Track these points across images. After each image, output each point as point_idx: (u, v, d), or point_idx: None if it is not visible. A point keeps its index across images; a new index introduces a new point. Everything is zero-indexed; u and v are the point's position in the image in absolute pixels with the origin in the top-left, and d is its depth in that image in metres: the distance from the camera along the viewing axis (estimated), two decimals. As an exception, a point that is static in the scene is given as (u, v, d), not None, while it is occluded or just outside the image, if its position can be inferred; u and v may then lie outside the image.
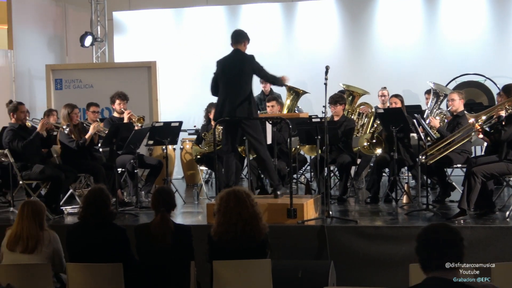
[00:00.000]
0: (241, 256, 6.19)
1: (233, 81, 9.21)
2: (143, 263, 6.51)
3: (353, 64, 14.90)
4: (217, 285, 6.21)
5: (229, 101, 9.16)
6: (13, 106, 10.24)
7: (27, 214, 6.55)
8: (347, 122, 10.74)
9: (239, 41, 9.43)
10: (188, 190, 12.81)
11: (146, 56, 15.16)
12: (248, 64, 9.23)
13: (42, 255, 6.54)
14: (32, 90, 15.70)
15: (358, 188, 11.69)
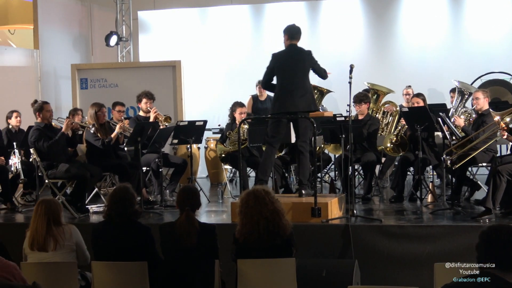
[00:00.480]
0: (267, 254, 6.20)
1: (294, 75, 9.23)
2: (168, 261, 6.53)
3: (377, 62, 14.86)
4: (241, 284, 6.22)
5: (291, 95, 9.17)
6: (39, 105, 10.30)
7: (41, 213, 6.59)
8: (372, 121, 10.70)
9: (295, 37, 9.45)
10: (213, 189, 12.83)
11: (171, 55, 15.19)
12: (308, 58, 9.32)
13: (66, 250, 6.59)
14: (57, 90, 15.79)
15: (382, 187, 11.67)
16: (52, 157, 10.03)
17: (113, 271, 6.35)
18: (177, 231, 6.44)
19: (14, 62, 15.09)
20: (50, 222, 6.56)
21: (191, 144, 10.97)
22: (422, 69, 14.44)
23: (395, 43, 15.03)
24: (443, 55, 14.59)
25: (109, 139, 10.37)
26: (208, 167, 13.71)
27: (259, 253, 6.23)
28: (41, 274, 6.25)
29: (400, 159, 10.46)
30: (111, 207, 6.62)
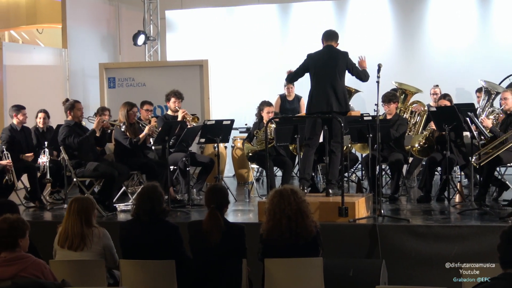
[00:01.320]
0: (291, 254, 6.21)
1: (329, 75, 9.27)
2: (196, 260, 6.55)
3: (405, 61, 14.79)
4: (268, 283, 6.23)
5: (325, 95, 9.21)
6: (70, 104, 10.40)
7: (73, 211, 6.62)
8: (400, 121, 10.66)
9: (332, 39, 9.50)
10: (239, 188, 12.85)
11: (198, 54, 15.21)
12: (344, 59, 9.33)
13: (92, 252, 6.59)
14: (85, 89, 15.88)
15: (410, 186, 11.62)
16: (81, 155, 10.10)
17: (141, 269, 6.38)
18: (203, 229, 6.46)
19: (43, 61, 15.18)
20: (82, 222, 6.58)
21: (218, 143, 11.00)
22: (450, 69, 14.35)
23: (423, 42, 14.95)
24: (471, 55, 14.50)
25: (137, 139, 10.43)
26: (235, 166, 13.72)
27: (284, 253, 6.24)
28: (70, 272, 6.29)
29: (427, 159, 10.40)
30: (139, 205, 6.65)
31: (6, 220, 5.47)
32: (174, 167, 11.14)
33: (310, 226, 6.30)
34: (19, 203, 10.70)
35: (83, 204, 6.66)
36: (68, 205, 6.75)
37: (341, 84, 9.34)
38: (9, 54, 14.35)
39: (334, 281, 6.59)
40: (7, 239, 5.38)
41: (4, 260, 5.34)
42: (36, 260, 5.44)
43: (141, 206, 6.61)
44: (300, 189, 6.59)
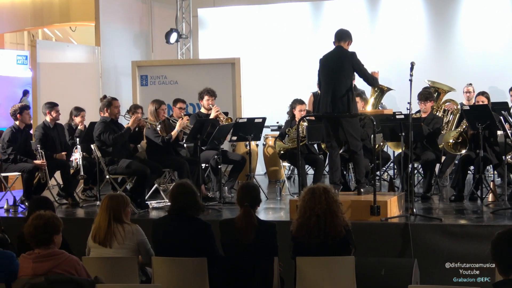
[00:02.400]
0: (320, 252, 6.20)
1: (333, 76, 9.19)
2: (228, 258, 6.56)
3: (438, 60, 14.70)
4: (300, 282, 6.23)
5: (328, 96, 9.15)
6: (107, 101, 10.47)
7: (105, 207, 6.65)
8: (436, 120, 10.60)
9: (342, 38, 9.37)
10: (271, 186, 12.86)
11: (230, 52, 15.23)
12: (348, 60, 9.20)
13: (126, 249, 6.62)
14: (118, 86, 15.96)
15: (442, 185, 11.55)
16: (114, 152, 10.16)
17: (173, 266, 6.39)
18: (236, 227, 6.46)
19: (76, 59, 15.29)
20: (111, 219, 6.62)
21: (250, 141, 11.00)
22: (483, 67, 14.24)
23: (456, 40, 14.85)
24: (505, 53, 14.38)
25: (169, 137, 10.47)
26: (267, 164, 13.72)
27: (314, 251, 6.23)
28: (102, 269, 6.32)
29: (460, 158, 10.33)
30: (175, 201, 6.66)
31: (41, 216, 5.52)
32: (205, 164, 11.18)
33: (340, 226, 6.27)
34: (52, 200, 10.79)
35: (113, 201, 6.69)
36: (101, 201, 6.80)
37: (346, 85, 9.16)
38: (43, 52, 14.47)
39: (366, 280, 6.57)
40: (42, 235, 5.43)
41: (38, 256, 5.38)
42: (69, 256, 5.48)
43: (177, 202, 6.62)
44: (332, 189, 6.55)
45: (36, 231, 5.43)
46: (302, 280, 6.22)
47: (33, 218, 5.53)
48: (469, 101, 12.31)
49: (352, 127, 9.17)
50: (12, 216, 9.93)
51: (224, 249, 6.62)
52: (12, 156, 10.51)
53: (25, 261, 5.43)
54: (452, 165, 11.82)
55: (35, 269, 5.34)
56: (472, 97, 12.31)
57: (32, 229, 5.45)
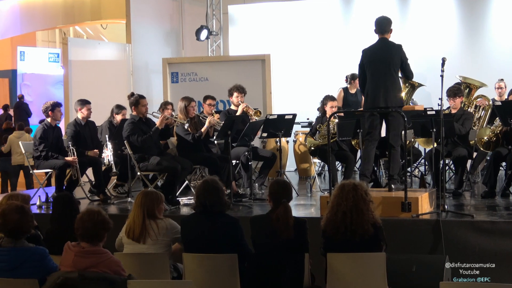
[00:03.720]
0: (349, 249, 6.19)
1: (384, 70, 9.14)
2: (259, 254, 6.56)
3: (469, 55, 14.58)
4: (331, 278, 6.23)
5: (380, 90, 9.10)
6: (135, 99, 10.47)
7: (140, 204, 6.71)
8: (466, 115, 10.53)
9: (385, 30, 9.33)
10: (301, 182, 12.86)
11: (260, 49, 15.25)
12: (397, 53, 9.19)
13: (159, 244, 6.67)
14: (149, 83, 16.04)
15: (474, 182, 11.48)
16: (145, 149, 10.20)
17: (204, 263, 6.42)
18: (274, 224, 6.45)
19: (107, 56, 15.39)
20: (145, 215, 6.66)
21: (280, 138, 10.99)
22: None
23: (487, 35, 14.72)
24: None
25: (199, 134, 10.50)
26: (297, 160, 13.72)
27: (343, 247, 6.23)
28: (134, 265, 6.36)
29: (492, 154, 10.25)
30: (199, 199, 6.68)
31: (100, 213, 5.63)
32: (236, 161, 11.19)
33: (366, 224, 6.22)
34: (83, 197, 10.89)
35: (147, 198, 6.74)
36: (136, 198, 6.85)
37: (396, 79, 9.23)
38: (75, 49, 14.58)
39: (397, 276, 6.56)
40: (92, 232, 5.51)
41: (82, 251, 5.45)
42: (111, 257, 5.54)
43: (201, 199, 6.65)
44: (364, 185, 6.50)
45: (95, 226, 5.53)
46: (333, 276, 6.22)
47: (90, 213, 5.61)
48: (500, 96, 12.21)
49: (396, 122, 9.16)
50: (45, 213, 10.01)
51: (255, 245, 6.63)
52: (43, 153, 10.59)
53: (69, 251, 5.50)
54: (483, 161, 11.75)
55: (75, 262, 5.41)
56: (504, 93, 12.21)
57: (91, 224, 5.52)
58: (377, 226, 6.29)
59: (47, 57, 25.22)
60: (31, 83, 23.04)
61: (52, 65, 24.90)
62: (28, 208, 5.89)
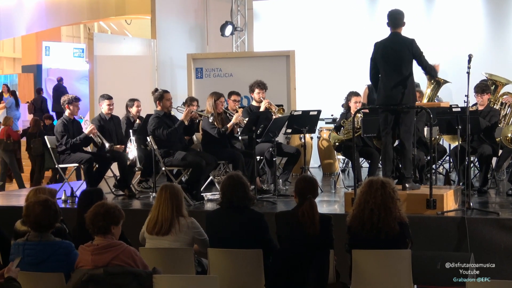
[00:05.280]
0: (375, 245, 6.18)
1: (393, 66, 8.98)
2: (284, 250, 6.56)
3: (496, 52, 14.52)
4: (356, 275, 6.22)
5: (392, 87, 8.94)
6: (159, 94, 10.53)
7: (164, 197, 6.70)
8: (493, 113, 10.48)
9: (398, 24, 9.13)
10: (325, 179, 12.85)
11: (285, 45, 15.25)
12: (408, 48, 8.96)
13: (180, 242, 6.67)
14: (173, 79, 16.08)
15: (499, 179, 11.43)
16: (169, 144, 10.23)
17: (229, 258, 6.43)
18: (300, 220, 6.43)
19: (132, 51, 15.44)
20: (173, 208, 6.67)
21: (304, 134, 10.99)
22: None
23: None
24: None
25: (225, 129, 10.51)
26: (321, 157, 13.72)
27: (369, 244, 6.21)
28: (159, 259, 6.39)
29: (518, 152, 10.22)
30: (226, 194, 6.69)
31: (103, 205, 5.63)
32: (260, 157, 11.19)
33: (393, 223, 6.19)
34: (108, 191, 10.94)
35: (174, 191, 6.75)
36: (158, 192, 6.83)
37: (408, 75, 8.97)
38: (100, 44, 14.65)
39: (422, 273, 6.54)
40: (100, 223, 5.51)
41: (97, 248, 5.46)
42: (127, 247, 5.55)
43: (227, 194, 6.66)
44: (392, 183, 6.46)
45: (95, 219, 5.53)
46: (358, 273, 6.21)
47: (96, 206, 5.64)
48: (528, 94, 12.13)
49: (408, 119, 9.02)
50: (70, 207, 10.07)
51: (280, 241, 6.63)
52: (68, 144, 10.60)
53: (84, 253, 5.51)
54: (509, 158, 11.67)
55: (95, 261, 5.41)
56: (530, 90, 12.13)
57: (92, 216, 5.55)
58: (403, 223, 6.27)
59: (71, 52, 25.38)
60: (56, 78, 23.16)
61: (76, 60, 25.06)
62: (52, 202, 5.91)
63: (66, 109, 10.90)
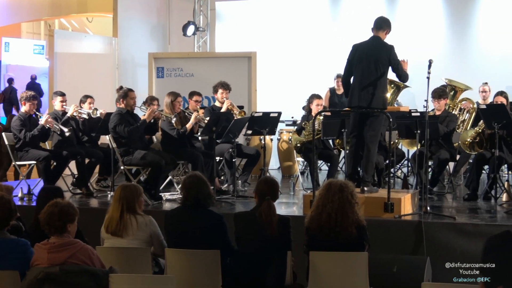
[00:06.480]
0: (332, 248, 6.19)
1: (368, 69, 8.98)
2: (242, 251, 6.56)
3: (455, 58, 14.66)
4: (313, 277, 6.23)
5: (362, 91, 8.95)
6: (124, 92, 10.50)
7: (118, 198, 6.66)
8: (450, 117, 10.57)
9: (382, 28, 9.18)
10: (284, 181, 12.86)
11: (247, 46, 15.26)
12: (386, 53, 9.02)
13: (139, 240, 6.63)
14: (134, 78, 16.00)
15: (456, 184, 11.52)
16: (129, 143, 10.18)
17: (186, 258, 6.41)
18: (258, 221, 6.44)
19: (93, 49, 15.35)
20: (124, 209, 6.63)
21: (265, 135, 11.00)
22: (501, 66, 14.17)
23: (474, 39, 14.80)
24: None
25: (184, 129, 10.49)
26: (281, 159, 13.74)
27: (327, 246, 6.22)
28: (116, 259, 6.34)
29: (475, 157, 10.31)
30: (189, 192, 6.66)
31: (57, 204, 5.55)
32: (220, 158, 11.18)
33: (350, 227, 6.20)
34: (66, 190, 10.84)
35: (126, 191, 6.70)
36: (115, 192, 6.82)
37: (383, 79, 9.03)
38: (60, 41, 14.54)
39: (378, 276, 6.57)
40: (56, 223, 5.45)
41: (54, 246, 5.40)
42: (84, 245, 5.50)
43: (191, 192, 6.63)
44: (351, 186, 6.48)
45: (50, 218, 5.46)
46: (315, 275, 6.22)
47: (49, 206, 5.56)
48: (484, 100, 12.26)
49: (376, 123, 9.05)
50: (26, 205, 9.97)
51: (238, 242, 6.63)
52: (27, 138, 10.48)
53: (40, 251, 5.44)
54: (466, 164, 11.80)
55: (50, 259, 5.35)
56: (488, 97, 12.26)
57: (47, 216, 5.48)
58: (361, 226, 6.29)
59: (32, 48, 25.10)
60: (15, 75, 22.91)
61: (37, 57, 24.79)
62: (7, 199, 5.84)
63: (23, 106, 10.80)
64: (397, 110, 10.05)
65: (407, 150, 11.98)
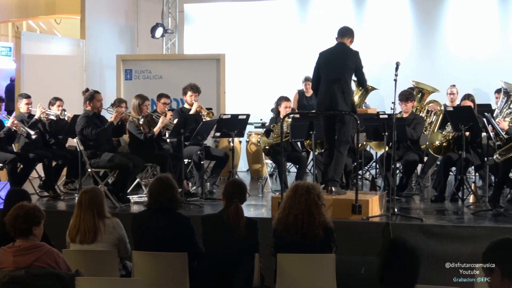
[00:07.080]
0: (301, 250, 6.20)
1: (337, 74, 9.05)
2: (209, 253, 6.54)
3: (423, 60, 14.70)
4: (280, 278, 6.23)
5: (330, 95, 9.01)
6: (90, 94, 10.46)
7: (85, 204, 6.61)
8: (417, 120, 10.62)
9: (346, 35, 9.28)
10: (253, 183, 12.86)
11: (215, 48, 15.24)
12: (353, 58, 9.13)
13: (106, 243, 6.60)
14: (102, 80, 15.90)
15: (423, 186, 11.59)
16: (96, 145, 10.13)
17: (153, 261, 6.39)
18: (225, 223, 6.43)
19: (61, 51, 15.22)
20: (94, 214, 6.59)
21: (233, 138, 10.99)
22: (468, 69, 14.24)
23: (441, 41, 14.87)
24: (490, 55, 14.39)
25: (151, 134, 10.46)
26: (249, 161, 13.73)
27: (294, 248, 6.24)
28: (83, 262, 6.31)
29: (442, 159, 10.39)
30: (154, 195, 6.64)
31: (22, 207, 5.51)
32: (188, 160, 11.15)
33: (317, 229, 6.23)
34: (33, 192, 10.76)
35: (93, 196, 6.66)
36: (78, 199, 6.75)
37: (349, 84, 9.17)
38: (28, 43, 14.39)
39: (346, 278, 6.58)
40: (21, 226, 5.41)
41: (19, 249, 5.36)
42: (50, 249, 5.46)
43: (156, 196, 6.61)
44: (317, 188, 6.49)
45: (15, 221, 5.42)
46: (282, 277, 6.23)
47: (14, 208, 5.52)
48: (452, 102, 12.34)
49: (346, 128, 9.11)
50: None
51: (205, 244, 6.61)
52: None
53: (6, 254, 5.40)
54: (434, 165, 11.86)
55: (16, 262, 5.31)
56: (455, 99, 12.34)
57: (12, 219, 5.43)
58: (328, 228, 6.31)
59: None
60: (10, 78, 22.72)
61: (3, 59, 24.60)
62: None
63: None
64: (365, 112, 10.09)
65: (375, 152, 12.03)
